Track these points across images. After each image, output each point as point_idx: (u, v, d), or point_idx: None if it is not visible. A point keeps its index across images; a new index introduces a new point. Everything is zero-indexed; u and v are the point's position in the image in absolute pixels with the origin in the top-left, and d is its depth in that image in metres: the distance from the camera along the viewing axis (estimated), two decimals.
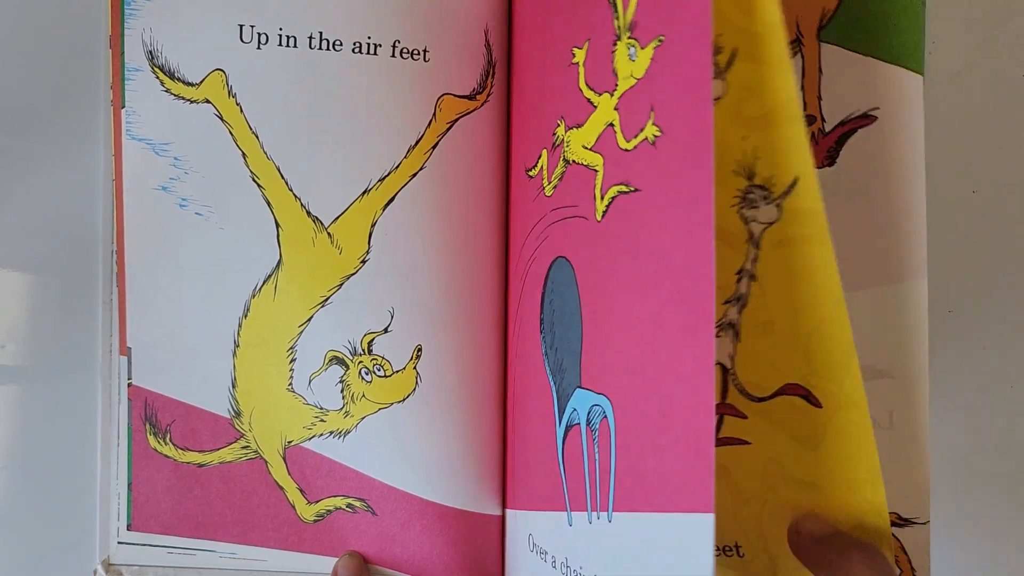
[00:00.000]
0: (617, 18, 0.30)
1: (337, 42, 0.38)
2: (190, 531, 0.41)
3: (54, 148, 0.43)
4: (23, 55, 0.43)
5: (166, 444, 0.40)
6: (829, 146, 0.37)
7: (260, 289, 0.39)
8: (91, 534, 0.42)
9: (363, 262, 0.39)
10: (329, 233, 0.39)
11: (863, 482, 0.32)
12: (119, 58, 0.39)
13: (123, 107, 0.39)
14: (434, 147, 0.39)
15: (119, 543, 0.41)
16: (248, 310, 0.40)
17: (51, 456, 0.43)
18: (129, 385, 0.41)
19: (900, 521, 0.39)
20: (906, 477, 0.36)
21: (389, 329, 0.39)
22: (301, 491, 0.40)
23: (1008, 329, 0.43)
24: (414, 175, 0.39)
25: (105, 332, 0.42)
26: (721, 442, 0.34)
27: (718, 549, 0.35)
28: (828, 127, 0.36)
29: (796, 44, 0.37)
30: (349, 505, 0.40)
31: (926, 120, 0.41)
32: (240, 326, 0.40)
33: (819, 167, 0.36)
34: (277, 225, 0.39)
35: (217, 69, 0.39)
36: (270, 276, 0.39)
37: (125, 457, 0.41)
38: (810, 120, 0.36)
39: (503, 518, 0.41)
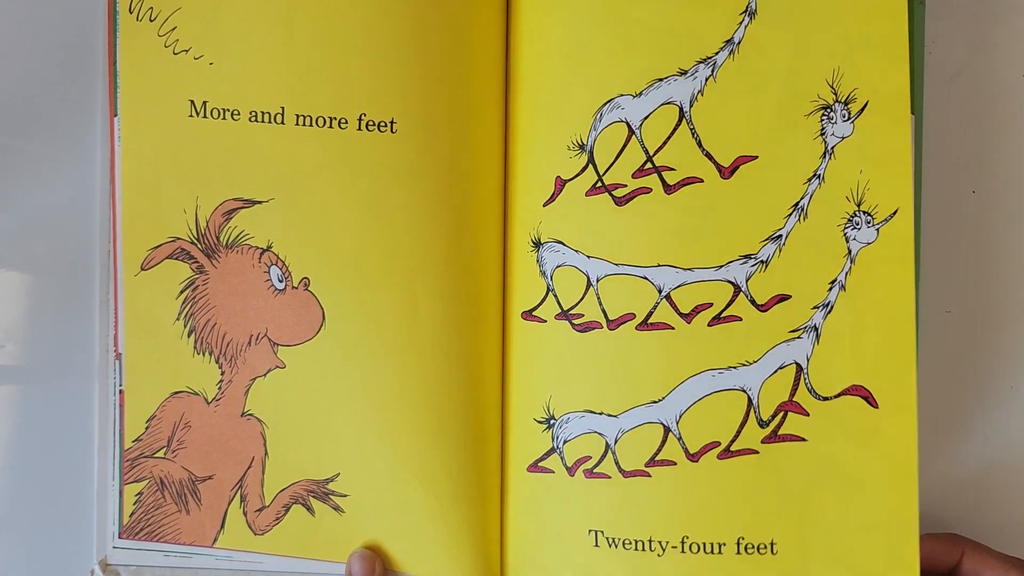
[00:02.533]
0: None
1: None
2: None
3: (53, 149, 0.43)
4: (21, 57, 0.43)
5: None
6: None
7: None
8: (88, 534, 0.42)
9: None
10: None
11: (902, 477, 0.37)
12: (112, 67, 0.40)
13: (115, 116, 0.40)
14: None
15: (115, 546, 0.41)
16: None
17: (49, 456, 0.43)
18: (120, 392, 0.40)
19: None
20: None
21: None
22: None
23: (1008, 329, 0.43)
24: None
25: (103, 333, 0.41)
26: (779, 439, 0.38)
27: (751, 547, 0.37)
28: None
29: None
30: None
31: (925, 120, 0.42)
32: None
33: None
34: None
35: None
36: None
37: (119, 460, 0.41)
38: None
39: None
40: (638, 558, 0.38)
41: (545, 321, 0.40)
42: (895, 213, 0.37)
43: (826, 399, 0.38)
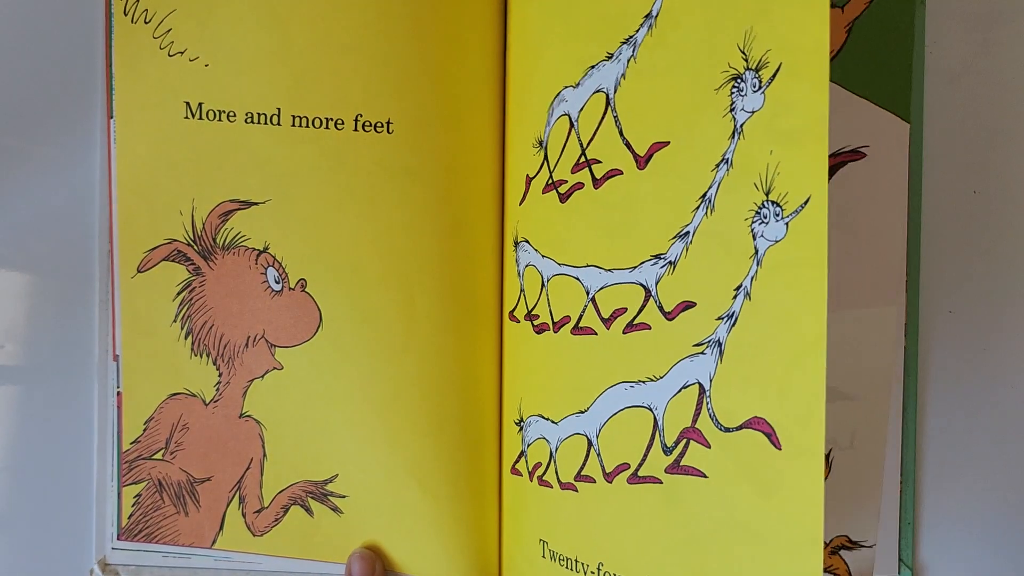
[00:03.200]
0: None
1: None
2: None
3: (54, 150, 0.43)
4: (21, 57, 0.43)
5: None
6: None
7: None
8: (87, 535, 0.42)
9: None
10: None
11: (805, 541, 0.28)
12: (108, 69, 0.40)
13: (111, 118, 0.40)
14: None
15: (114, 547, 0.41)
16: None
17: (49, 456, 0.43)
18: (118, 394, 0.41)
19: (849, 544, 0.39)
20: (861, 500, 0.36)
21: None
22: None
23: (1008, 329, 0.43)
24: None
25: (102, 334, 0.41)
26: (680, 470, 0.32)
27: None
28: None
29: None
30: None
31: (926, 120, 0.41)
32: None
33: None
34: None
35: None
36: None
37: (117, 462, 0.41)
38: None
39: None
40: None
41: (519, 321, 0.39)
42: (806, 202, 0.28)
43: (728, 430, 0.30)
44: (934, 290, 0.42)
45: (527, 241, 0.38)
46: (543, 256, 0.37)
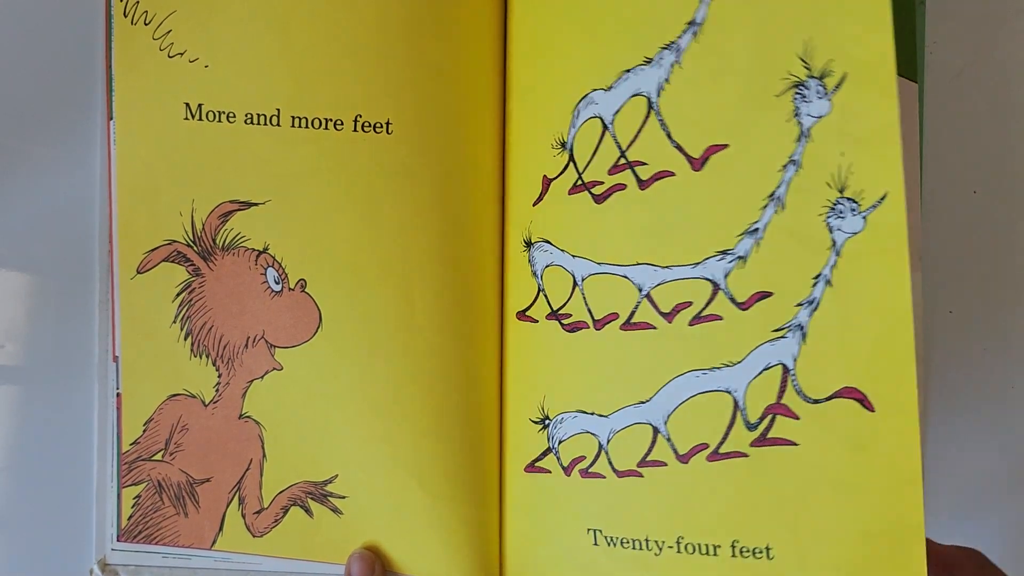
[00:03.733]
0: None
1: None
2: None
3: (55, 151, 0.43)
4: (21, 58, 0.43)
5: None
6: None
7: None
8: (87, 536, 0.42)
9: None
10: None
11: (905, 483, 0.33)
12: (108, 71, 0.40)
13: (111, 119, 0.40)
14: None
15: (113, 548, 0.41)
16: None
17: (48, 456, 0.43)
18: (118, 395, 0.41)
19: None
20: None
21: None
22: None
23: (1008, 329, 0.43)
24: None
25: (102, 335, 0.41)
26: (768, 442, 0.35)
27: (746, 550, 0.36)
28: None
29: None
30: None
31: (926, 120, 0.41)
32: None
33: None
34: None
35: None
36: None
37: (116, 463, 0.41)
38: None
39: None
40: (637, 557, 0.37)
41: (537, 321, 0.40)
42: (883, 198, 0.32)
43: (817, 402, 0.34)
44: (934, 290, 0.43)
45: (547, 241, 0.39)
46: (574, 256, 0.38)
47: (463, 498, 0.40)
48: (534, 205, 0.40)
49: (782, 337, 0.34)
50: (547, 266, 0.39)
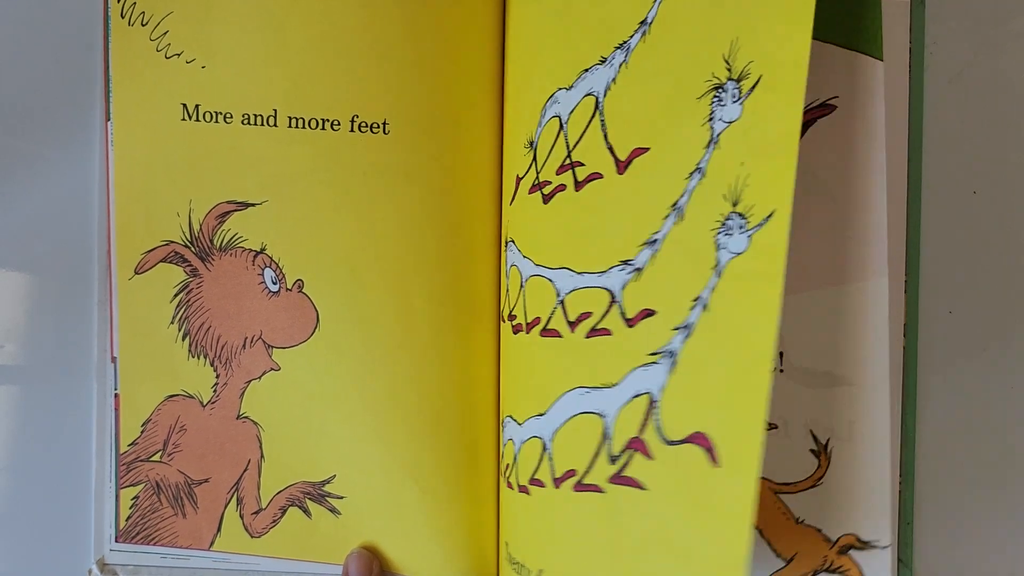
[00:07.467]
0: None
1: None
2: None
3: (53, 151, 0.43)
4: (19, 59, 0.43)
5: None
6: None
7: None
8: (86, 536, 0.42)
9: None
10: None
11: (732, 560, 0.27)
12: (105, 72, 0.40)
13: (108, 120, 0.40)
14: None
15: (112, 548, 0.41)
16: None
17: (48, 456, 0.43)
18: (116, 396, 0.41)
19: (859, 544, 0.38)
20: (867, 496, 0.34)
21: None
22: None
23: (1008, 329, 0.43)
24: None
25: (101, 335, 0.41)
26: (622, 480, 0.31)
27: None
28: None
29: None
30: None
31: (926, 120, 0.41)
32: None
33: None
34: None
35: None
36: None
37: (115, 463, 0.41)
38: None
39: None
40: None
41: (504, 322, 0.39)
42: (770, 216, 0.27)
43: (672, 443, 0.29)
44: (934, 290, 0.42)
45: (513, 241, 0.38)
46: (524, 256, 0.37)
47: (460, 498, 0.40)
48: (510, 204, 0.39)
49: (655, 363, 0.30)
50: (511, 266, 0.38)
